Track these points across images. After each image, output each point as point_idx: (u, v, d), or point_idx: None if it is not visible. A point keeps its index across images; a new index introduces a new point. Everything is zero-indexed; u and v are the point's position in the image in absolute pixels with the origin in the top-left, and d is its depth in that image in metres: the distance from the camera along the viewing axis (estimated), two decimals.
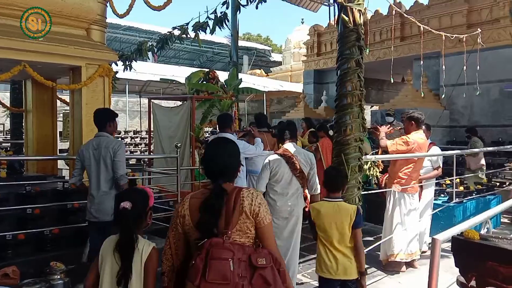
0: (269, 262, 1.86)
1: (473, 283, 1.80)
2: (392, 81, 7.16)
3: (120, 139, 16.69)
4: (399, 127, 6.12)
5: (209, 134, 9.37)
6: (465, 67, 8.50)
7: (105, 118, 3.99)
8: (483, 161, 8.10)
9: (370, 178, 4.50)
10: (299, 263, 5.13)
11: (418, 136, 5.06)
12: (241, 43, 29.78)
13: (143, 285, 2.16)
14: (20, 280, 3.91)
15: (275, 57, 34.28)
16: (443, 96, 9.00)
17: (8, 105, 8.23)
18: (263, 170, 3.94)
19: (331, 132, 7.68)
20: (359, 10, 3.76)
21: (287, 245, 3.96)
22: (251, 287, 1.79)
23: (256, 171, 4.72)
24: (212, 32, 7.41)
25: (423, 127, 5.37)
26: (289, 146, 4.03)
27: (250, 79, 18.50)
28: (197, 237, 1.92)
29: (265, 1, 6.90)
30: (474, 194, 6.93)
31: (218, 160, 2.06)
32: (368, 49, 4.00)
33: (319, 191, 4.21)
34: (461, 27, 11.60)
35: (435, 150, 5.93)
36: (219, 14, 7.12)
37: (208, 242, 1.84)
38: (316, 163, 4.14)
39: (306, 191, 4.20)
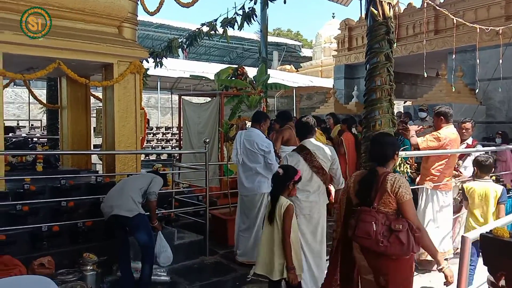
0: (405, 227, 2.55)
1: (503, 282, 1.75)
2: (425, 76, 6.98)
3: (152, 135, 17.08)
4: (427, 126, 5.96)
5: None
6: (501, 61, 8.18)
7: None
8: None
9: (401, 175, 4.39)
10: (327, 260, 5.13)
11: (449, 131, 4.92)
12: (271, 38, 29.76)
13: (281, 225, 3.26)
14: (55, 270, 4.06)
15: (306, 52, 34.00)
16: (477, 90, 8.68)
17: (45, 102, 8.50)
18: None
19: (354, 130, 7.66)
20: (389, 3, 3.69)
21: (314, 242, 3.94)
22: (389, 244, 2.53)
23: None
24: (240, 28, 7.40)
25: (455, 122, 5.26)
26: (307, 142, 3.99)
27: (279, 75, 18.44)
28: (356, 204, 2.78)
29: None
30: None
31: (375, 149, 2.85)
32: (396, 43, 3.91)
33: (344, 184, 4.17)
34: (499, 19, 11.14)
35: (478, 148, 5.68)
36: (247, 10, 7.11)
37: (360, 209, 2.69)
38: (339, 157, 4.10)
39: (330, 186, 4.16)
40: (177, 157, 8.44)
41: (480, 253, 2.66)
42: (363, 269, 2.80)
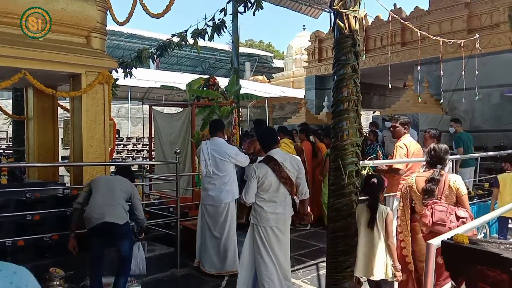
0: (466, 215, 3.34)
1: (463, 287, 1.81)
2: (390, 87, 7.18)
3: (122, 145, 16.82)
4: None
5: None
6: (463, 72, 8.51)
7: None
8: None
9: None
10: (300, 269, 5.16)
11: (411, 141, 5.32)
12: (243, 49, 29.92)
13: (384, 230, 3.59)
14: None
15: (277, 63, 34.37)
16: (442, 101, 9.02)
17: (10, 113, 8.27)
18: (250, 181, 3.85)
19: (311, 138, 7.91)
20: (355, 17, 3.77)
21: (280, 254, 3.93)
22: (457, 227, 3.07)
23: None
24: (210, 39, 7.43)
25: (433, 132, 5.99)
26: (275, 153, 3.98)
27: (251, 85, 18.54)
28: (422, 199, 3.53)
29: (262, 8, 6.93)
30: (475, 199, 6.90)
31: (437, 156, 3.65)
32: (364, 55, 4.01)
33: (308, 195, 4.21)
34: (461, 32, 11.61)
35: None
36: (217, 21, 7.15)
37: (431, 201, 3.44)
38: None
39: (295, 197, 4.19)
40: (148, 168, 8.35)
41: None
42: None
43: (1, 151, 11.05)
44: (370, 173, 4.39)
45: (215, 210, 5.09)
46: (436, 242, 2.32)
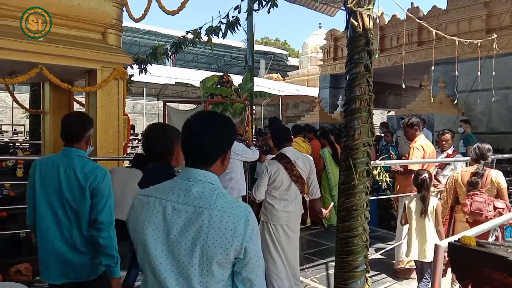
0: (504, 206, 3.84)
1: None
2: (403, 86, 7.11)
3: (137, 141, 16.96)
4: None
5: None
6: (479, 73, 8.38)
7: None
8: None
9: (380, 183, 4.47)
10: (309, 268, 5.16)
11: (426, 142, 5.20)
12: (258, 47, 29.93)
13: (434, 219, 4.09)
14: (32, 277, 4.02)
15: (292, 61, 34.26)
16: (456, 101, 8.91)
17: (28, 107, 8.41)
18: (262, 177, 3.87)
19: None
20: (369, 15, 3.74)
21: (289, 252, 3.94)
22: (493, 216, 3.70)
23: None
24: (224, 36, 7.45)
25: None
26: (287, 151, 3.98)
27: (266, 83, 18.54)
28: (466, 191, 4.07)
29: (277, 6, 6.92)
30: None
31: (481, 152, 4.16)
32: (378, 54, 3.99)
33: (319, 195, 4.20)
34: (479, 32, 11.42)
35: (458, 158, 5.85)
36: (231, 19, 7.17)
37: (472, 193, 3.96)
38: None
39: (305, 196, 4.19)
40: None
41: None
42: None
43: (18, 144, 11.23)
44: (382, 173, 4.35)
45: None
46: (444, 243, 2.30)
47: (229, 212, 1.46)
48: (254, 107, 11.26)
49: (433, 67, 7.43)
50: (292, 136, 4.87)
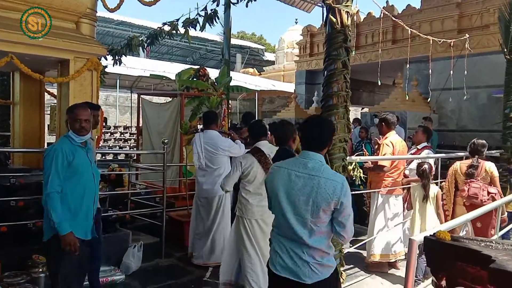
0: (496, 191, 4.58)
1: (444, 283, 1.84)
2: (379, 84, 7.22)
3: (109, 134, 16.68)
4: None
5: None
6: (451, 72, 8.59)
7: None
8: None
9: (354, 179, 4.53)
10: None
11: (397, 138, 5.34)
12: (235, 41, 29.79)
13: (434, 203, 4.83)
14: (1, 272, 3.90)
15: (269, 56, 34.32)
16: (429, 99, 9.11)
17: None
18: (234, 170, 3.86)
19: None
20: (347, 12, 3.78)
21: (265, 248, 3.94)
22: (487, 200, 4.45)
23: None
24: (202, 29, 7.37)
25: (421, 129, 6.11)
26: (262, 145, 3.97)
27: (242, 78, 18.50)
28: (464, 179, 4.80)
29: (255, 0, 6.90)
30: None
31: (476, 148, 4.91)
32: (354, 51, 4.04)
33: None
34: (452, 32, 11.69)
35: (427, 153, 5.93)
36: (209, 11, 7.09)
37: (469, 181, 4.67)
38: None
39: None
40: (134, 158, 8.29)
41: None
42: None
43: None
44: (356, 168, 4.42)
45: (208, 203, 5.09)
46: (418, 238, 2.35)
47: (331, 179, 2.33)
48: (230, 101, 11.22)
49: (408, 65, 7.57)
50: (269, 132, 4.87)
